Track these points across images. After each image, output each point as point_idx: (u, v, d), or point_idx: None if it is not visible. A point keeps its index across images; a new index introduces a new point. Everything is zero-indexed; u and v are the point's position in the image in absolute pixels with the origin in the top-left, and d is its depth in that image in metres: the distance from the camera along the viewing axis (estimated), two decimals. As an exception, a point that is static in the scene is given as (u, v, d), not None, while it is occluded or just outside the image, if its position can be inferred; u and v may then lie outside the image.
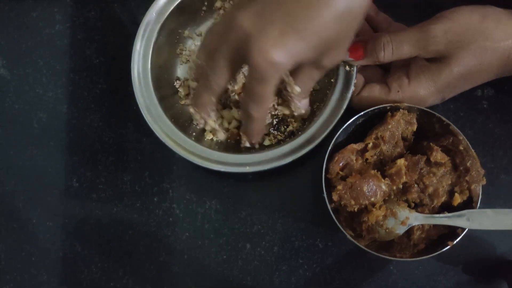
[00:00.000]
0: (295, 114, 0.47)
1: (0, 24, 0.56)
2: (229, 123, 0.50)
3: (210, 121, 0.46)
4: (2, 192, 0.52)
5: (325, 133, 0.44)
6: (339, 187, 0.42)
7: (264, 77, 0.37)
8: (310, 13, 0.35)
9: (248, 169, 0.45)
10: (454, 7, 0.43)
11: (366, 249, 0.42)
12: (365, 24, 0.50)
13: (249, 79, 0.38)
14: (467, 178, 0.43)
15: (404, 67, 0.46)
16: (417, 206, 0.44)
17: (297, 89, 0.43)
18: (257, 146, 0.47)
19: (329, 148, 0.43)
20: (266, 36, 0.35)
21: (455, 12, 0.43)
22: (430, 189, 0.43)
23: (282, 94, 0.47)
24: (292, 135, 0.49)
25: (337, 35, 0.37)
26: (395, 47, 0.43)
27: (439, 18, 0.43)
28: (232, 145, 0.50)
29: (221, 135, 0.49)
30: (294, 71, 0.41)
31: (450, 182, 0.43)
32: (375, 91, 0.46)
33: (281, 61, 0.36)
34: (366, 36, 0.46)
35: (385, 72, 0.49)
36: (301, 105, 0.46)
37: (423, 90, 0.44)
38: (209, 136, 0.49)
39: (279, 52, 0.35)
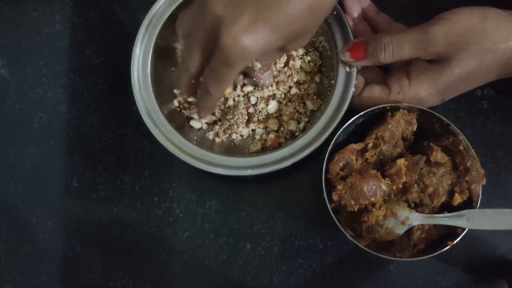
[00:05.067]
0: (259, 86, 0.48)
1: (0, 24, 0.56)
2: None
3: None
4: (2, 192, 0.52)
5: (326, 135, 0.44)
6: (339, 187, 0.42)
7: (231, 61, 0.37)
8: (281, 5, 0.35)
9: (250, 172, 0.45)
10: (454, 9, 0.43)
11: (366, 249, 0.42)
12: (365, 25, 0.50)
13: (215, 59, 0.38)
14: (467, 178, 0.43)
15: (405, 68, 0.46)
16: (417, 206, 0.44)
17: (258, 65, 0.44)
18: (203, 121, 0.50)
19: (329, 148, 0.43)
20: (237, 22, 0.35)
21: (455, 14, 0.43)
22: (430, 189, 0.43)
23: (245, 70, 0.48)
24: (293, 136, 0.49)
25: (305, 27, 0.38)
26: (395, 48, 0.43)
27: (440, 19, 0.43)
28: (233, 148, 0.50)
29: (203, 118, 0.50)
30: None
31: (450, 182, 0.43)
32: (375, 92, 0.46)
33: (250, 49, 0.36)
34: (366, 37, 0.46)
35: (385, 73, 0.49)
36: (263, 77, 0.47)
37: (424, 91, 0.44)
38: (194, 124, 0.50)
39: (249, 40, 0.35)
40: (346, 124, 0.44)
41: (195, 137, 0.49)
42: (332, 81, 0.46)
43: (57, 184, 0.51)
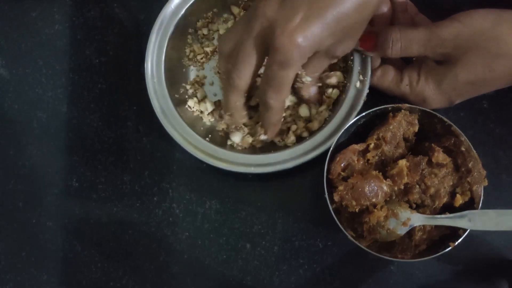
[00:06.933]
0: (306, 103, 0.49)
1: (0, 24, 0.55)
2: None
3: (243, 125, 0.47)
4: (2, 192, 0.52)
5: (332, 140, 0.45)
6: (341, 187, 0.42)
7: (288, 60, 0.37)
8: (334, 2, 0.36)
9: (252, 170, 0.45)
10: (470, 10, 0.42)
11: (367, 249, 0.42)
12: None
13: (270, 65, 0.38)
14: (468, 179, 0.43)
15: (421, 64, 0.46)
16: (418, 207, 0.44)
17: (308, 78, 0.44)
18: (269, 139, 0.48)
19: (331, 148, 0.43)
20: (291, 21, 0.36)
21: (468, 16, 0.41)
22: (432, 190, 0.43)
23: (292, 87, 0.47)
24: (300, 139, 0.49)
25: (355, 24, 0.39)
26: (403, 45, 0.43)
27: (452, 20, 0.42)
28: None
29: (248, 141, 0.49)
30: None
31: (451, 183, 0.43)
32: (389, 74, 0.46)
33: (305, 45, 0.36)
34: (381, 27, 0.46)
35: (405, 63, 0.48)
36: (310, 92, 0.47)
37: (428, 90, 0.44)
38: (234, 139, 0.49)
39: (304, 36, 0.36)
40: (347, 125, 0.44)
41: (202, 128, 0.50)
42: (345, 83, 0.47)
43: (57, 184, 0.51)
